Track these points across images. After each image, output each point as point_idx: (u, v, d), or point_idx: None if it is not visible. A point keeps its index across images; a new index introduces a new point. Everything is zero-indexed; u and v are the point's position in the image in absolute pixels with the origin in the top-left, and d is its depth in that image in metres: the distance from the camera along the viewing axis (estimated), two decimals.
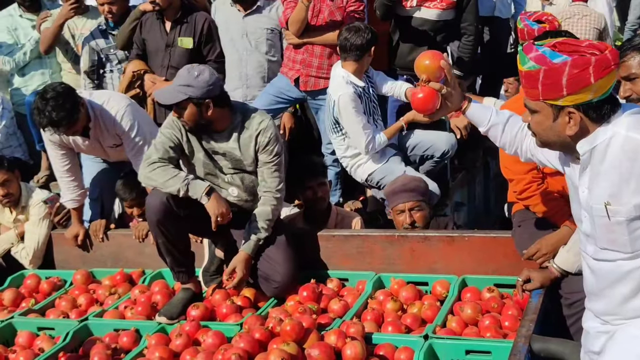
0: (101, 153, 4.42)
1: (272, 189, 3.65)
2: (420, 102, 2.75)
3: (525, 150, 2.73)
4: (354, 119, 4.36)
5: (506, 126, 2.75)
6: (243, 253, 3.62)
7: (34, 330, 3.68)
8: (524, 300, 3.22)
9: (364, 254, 3.92)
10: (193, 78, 3.48)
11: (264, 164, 3.65)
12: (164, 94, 3.58)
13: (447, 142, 4.44)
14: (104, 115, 4.14)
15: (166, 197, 3.48)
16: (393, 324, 3.32)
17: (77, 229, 4.40)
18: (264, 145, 3.61)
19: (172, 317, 3.57)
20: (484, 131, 2.80)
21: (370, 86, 4.51)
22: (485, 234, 3.79)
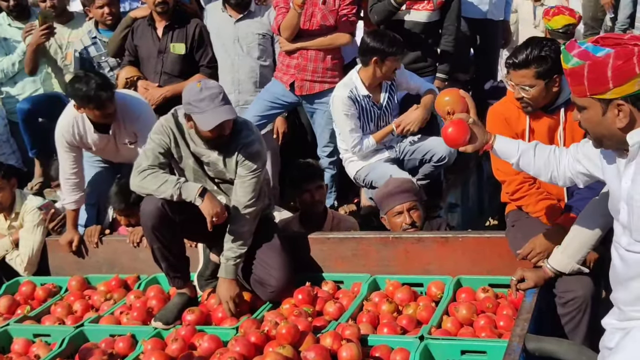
0: (111, 152, 4.42)
1: (242, 204, 3.59)
2: (452, 136, 2.73)
3: (564, 171, 2.73)
4: (342, 121, 4.44)
5: (536, 150, 2.77)
6: (223, 280, 3.59)
7: (29, 337, 3.68)
8: (518, 299, 3.24)
9: (358, 256, 3.93)
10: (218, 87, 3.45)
11: (240, 177, 3.59)
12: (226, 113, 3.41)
13: (445, 149, 4.42)
14: (126, 110, 4.19)
15: (161, 203, 3.47)
16: (388, 325, 3.32)
17: (72, 234, 4.40)
18: (242, 160, 3.56)
19: (167, 322, 3.57)
20: (515, 161, 2.79)
21: (388, 95, 4.52)
22: (479, 235, 3.81)
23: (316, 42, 4.73)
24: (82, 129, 4.24)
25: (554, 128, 3.32)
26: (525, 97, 3.20)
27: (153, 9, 4.82)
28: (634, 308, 2.35)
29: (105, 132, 4.23)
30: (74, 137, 4.23)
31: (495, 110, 3.46)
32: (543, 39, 3.26)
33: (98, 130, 4.22)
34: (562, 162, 2.73)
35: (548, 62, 3.11)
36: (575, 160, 2.67)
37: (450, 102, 2.79)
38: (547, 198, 3.38)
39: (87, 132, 4.25)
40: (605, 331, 2.49)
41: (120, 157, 4.47)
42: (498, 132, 3.30)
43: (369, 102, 4.50)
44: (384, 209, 4.06)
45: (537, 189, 3.39)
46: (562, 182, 2.78)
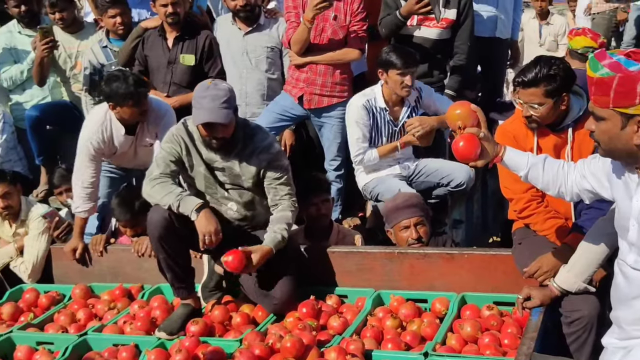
0: (129, 156, 4.44)
1: (289, 198, 3.69)
2: (463, 150, 2.74)
3: (571, 186, 2.74)
4: (352, 128, 4.52)
5: (545, 165, 2.77)
6: (267, 247, 3.57)
7: (32, 345, 3.67)
8: (523, 318, 3.23)
9: (363, 271, 3.92)
10: (227, 90, 3.49)
11: (275, 180, 3.66)
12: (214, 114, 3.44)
13: (465, 175, 4.43)
14: (152, 109, 4.28)
15: (167, 213, 3.49)
16: (393, 341, 3.31)
17: (77, 242, 4.40)
18: (271, 162, 3.63)
19: (171, 332, 3.56)
20: (524, 174, 2.80)
21: (408, 114, 4.53)
22: (485, 252, 3.80)
23: (326, 57, 4.75)
24: (110, 132, 4.27)
25: (562, 147, 3.33)
26: (534, 115, 3.21)
27: (164, 19, 4.85)
28: (636, 327, 2.35)
29: (132, 134, 4.28)
30: (102, 142, 4.25)
31: (504, 129, 3.48)
32: (552, 58, 3.27)
33: (127, 132, 4.26)
34: (569, 177, 2.74)
35: (557, 81, 3.13)
36: (582, 177, 2.67)
37: (461, 116, 2.78)
38: (554, 217, 3.38)
39: (114, 135, 4.28)
40: (604, 350, 2.48)
41: (135, 161, 4.48)
42: None
43: (386, 115, 4.52)
44: (390, 223, 4.06)
45: (545, 207, 3.39)
46: (569, 197, 2.79)
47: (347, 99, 4.82)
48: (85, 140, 4.27)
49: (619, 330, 2.43)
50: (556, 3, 10.03)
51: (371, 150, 4.55)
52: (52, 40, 5.14)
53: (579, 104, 3.30)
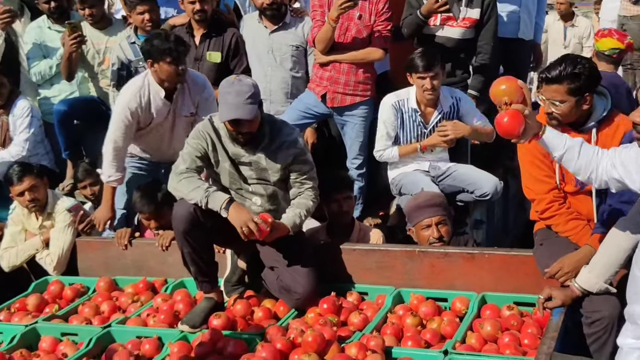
0: (165, 130, 4.47)
1: (311, 190, 3.76)
2: (507, 126, 2.72)
3: (601, 173, 2.75)
4: (379, 125, 4.62)
5: (582, 149, 2.78)
6: (284, 224, 3.66)
7: (57, 336, 3.73)
8: (543, 318, 3.25)
9: (384, 269, 3.94)
10: (251, 85, 3.52)
11: (300, 175, 3.72)
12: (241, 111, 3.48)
13: (492, 186, 4.44)
14: (192, 79, 4.38)
15: (193, 208, 3.52)
16: (413, 338, 3.33)
17: (108, 212, 4.46)
18: (296, 156, 3.68)
19: (194, 325, 3.59)
20: (559, 155, 2.80)
21: (440, 119, 4.56)
22: (506, 252, 3.81)
23: (349, 56, 4.79)
24: (148, 96, 4.33)
25: None
26: (555, 112, 3.21)
27: (192, 17, 4.91)
28: None
29: (170, 100, 4.34)
30: (139, 106, 4.31)
31: None
32: (578, 57, 3.27)
33: (165, 97, 4.33)
34: (601, 164, 2.74)
35: (580, 80, 3.13)
36: (612, 165, 2.67)
37: (507, 92, 2.76)
38: (576, 218, 3.39)
39: (152, 98, 4.33)
40: (619, 350, 2.48)
41: (172, 139, 4.49)
42: (529, 150, 3.33)
43: (416, 117, 4.56)
44: (412, 221, 4.08)
45: (567, 208, 3.40)
46: (597, 184, 2.79)
47: (370, 98, 4.86)
48: (123, 104, 4.33)
49: (633, 328, 2.43)
50: (581, 6, 9.98)
51: (392, 148, 4.62)
52: (80, 36, 5.21)
53: (602, 105, 3.30)
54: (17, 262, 4.51)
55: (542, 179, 3.43)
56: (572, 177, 3.40)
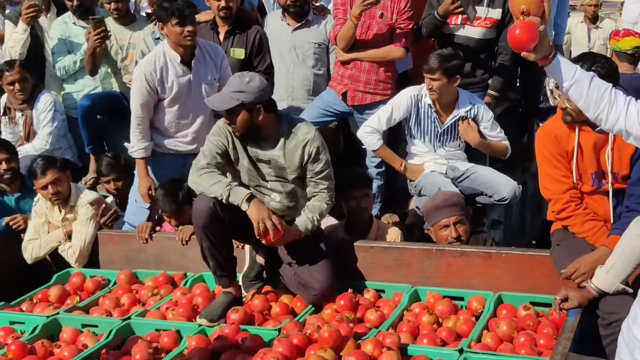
0: (193, 98, 4.51)
1: (327, 192, 3.78)
2: (520, 36, 2.54)
3: (615, 119, 2.58)
4: (386, 107, 4.64)
5: (592, 83, 2.61)
6: (296, 229, 3.70)
7: (78, 327, 3.77)
8: (560, 319, 3.25)
9: (401, 266, 3.96)
10: (245, 84, 3.58)
11: (315, 174, 3.75)
12: (216, 100, 3.70)
13: (510, 190, 4.44)
14: (208, 47, 4.51)
15: (212, 202, 3.56)
16: (428, 336, 3.35)
17: (148, 182, 4.57)
18: (313, 155, 3.70)
19: (212, 319, 3.63)
20: (567, 85, 2.63)
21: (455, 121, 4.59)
22: (523, 252, 3.82)
23: (370, 54, 4.81)
24: (164, 61, 4.43)
25: (602, 146, 3.33)
26: (569, 108, 3.22)
27: (217, 13, 4.96)
28: None
29: (189, 66, 4.44)
30: (154, 71, 4.40)
31: (546, 129, 3.50)
32: (597, 56, 3.27)
33: (183, 62, 4.42)
34: (616, 107, 2.58)
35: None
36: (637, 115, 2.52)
37: (528, 0, 2.54)
38: (593, 219, 3.39)
39: (169, 64, 4.44)
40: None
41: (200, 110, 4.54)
42: (547, 150, 3.31)
43: (432, 114, 4.58)
44: (430, 221, 4.10)
45: (584, 209, 3.40)
46: (607, 126, 2.63)
47: (390, 96, 4.87)
48: (139, 71, 4.48)
49: None
50: (605, 7, 9.90)
51: (380, 139, 4.64)
52: (104, 31, 5.28)
53: None
54: (40, 254, 4.57)
55: (559, 178, 3.43)
56: (589, 177, 3.40)
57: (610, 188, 3.37)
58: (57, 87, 5.86)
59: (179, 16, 4.28)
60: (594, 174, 3.41)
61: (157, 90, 4.46)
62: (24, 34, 5.60)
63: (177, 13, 4.27)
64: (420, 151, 4.74)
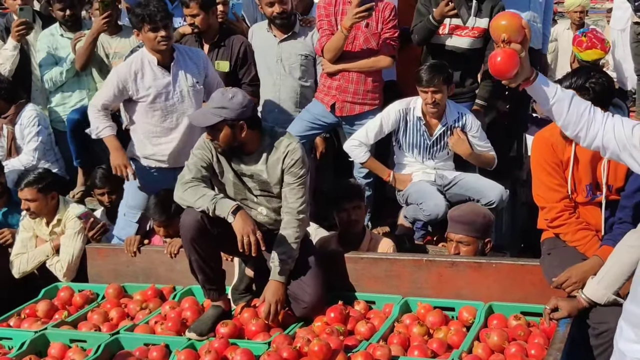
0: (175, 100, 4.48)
1: (294, 210, 3.69)
2: (501, 66, 2.54)
3: (594, 136, 2.61)
4: (374, 121, 4.70)
5: (572, 103, 2.63)
6: (272, 282, 3.65)
7: (66, 342, 3.75)
8: (550, 328, 3.24)
9: (391, 277, 3.95)
10: (227, 100, 3.57)
11: (288, 185, 3.71)
12: (198, 116, 3.69)
13: (497, 194, 4.45)
14: (189, 49, 4.58)
15: (200, 216, 3.54)
16: (419, 348, 3.34)
17: (122, 158, 4.49)
18: (289, 166, 3.68)
19: (201, 333, 3.62)
20: (548, 107, 2.65)
21: (443, 132, 4.63)
22: (513, 261, 3.81)
23: (358, 65, 4.81)
24: (141, 64, 4.43)
25: (599, 159, 3.33)
26: None
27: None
28: None
29: (167, 69, 4.44)
30: (129, 72, 4.40)
31: (542, 136, 3.49)
32: (592, 70, 3.28)
33: (163, 66, 4.42)
34: (594, 126, 2.60)
35: (590, 94, 3.13)
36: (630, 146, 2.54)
37: (508, 28, 2.53)
38: (585, 228, 3.39)
39: (146, 67, 4.42)
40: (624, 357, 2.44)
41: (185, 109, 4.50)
42: (543, 158, 3.31)
43: (421, 126, 4.61)
44: (447, 229, 4.10)
45: (577, 218, 3.41)
46: (585, 143, 2.65)
47: (378, 106, 4.88)
48: (113, 71, 4.52)
49: (636, 331, 2.39)
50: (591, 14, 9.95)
51: (368, 151, 4.69)
52: (112, 14, 5.26)
53: None
54: (28, 269, 4.54)
55: (554, 187, 3.43)
56: (583, 188, 3.41)
57: (604, 200, 3.38)
58: (43, 101, 5.83)
59: (150, 22, 4.26)
60: (589, 186, 3.42)
61: (131, 92, 4.44)
62: (14, 50, 5.58)
63: (149, 19, 4.25)
64: (409, 161, 4.75)
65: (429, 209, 4.47)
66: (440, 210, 4.43)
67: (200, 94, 4.54)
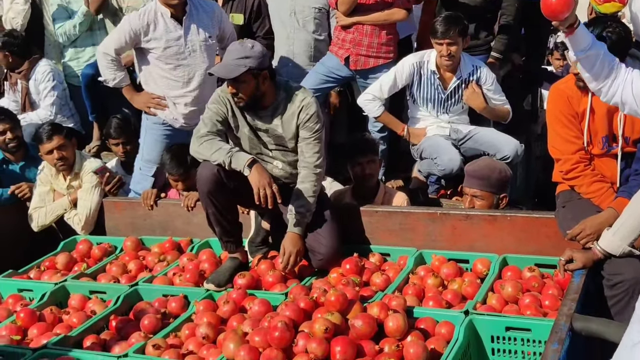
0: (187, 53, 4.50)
1: (311, 164, 3.71)
2: (556, 6, 2.57)
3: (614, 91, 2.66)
4: (387, 75, 4.66)
5: (603, 56, 2.67)
6: (290, 234, 3.68)
7: (86, 294, 3.81)
8: (564, 280, 3.26)
9: (406, 230, 3.97)
10: (249, 49, 3.56)
11: (304, 140, 3.71)
12: (222, 69, 3.64)
13: (512, 149, 4.43)
14: (203, 2, 4.53)
15: (217, 169, 3.56)
16: (434, 299, 3.37)
17: (147, 95, 4.59)
18: (304, 121, 3.68)
19: (219, 284, 3.66)
20: (583, 55, 2.69)
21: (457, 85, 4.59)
22: (528, 214, 3.81)
23: (372, 17, 4.76)
24: (154, 16, 4.43)
25: (615, 110, 3.31)
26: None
27: None
28: None
29: (179, 22, 4.43)
30: (140, 23, 4.40)
31: (558, 88, 3.47)
32: (608, 20, 3.23)
33: (175, 19, 4.42)
34: (617, 82, 2.65)
35: (607, 43, 3.09)
36: None
37: None
38: (601, 180, 3.39)
39: (158, 19, 4.42)
40: None
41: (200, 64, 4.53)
42: (559, 110, 3.29)
43: (435, 80, 4.58)
44: (464, 183, 4.11)
45: (592, 170, 3.40)
46: (606, 98, 2.71)
47: (392, 60, 4.85)
48: (126, 19, 4.50)
49: None
50: None
51: (381, 105, 4.67)
52: None
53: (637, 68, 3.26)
54: (46, 222, 4.60)
55: (569, 139, 3.42)
56: (599, 140, 3.40)
57: (620, 151, 3.37)
58: (57, 56, 5.83)
59: None
60: (605, 137, 3.40)
61: (142, 39, 4.43)
62: (25, 4, 5.57)
63: None
64: (423, 115, 4.74)
65: (443, 164, 4.47)
66: (454, 165, 4.43)
67: (212, 49, 4.53)
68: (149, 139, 4.70)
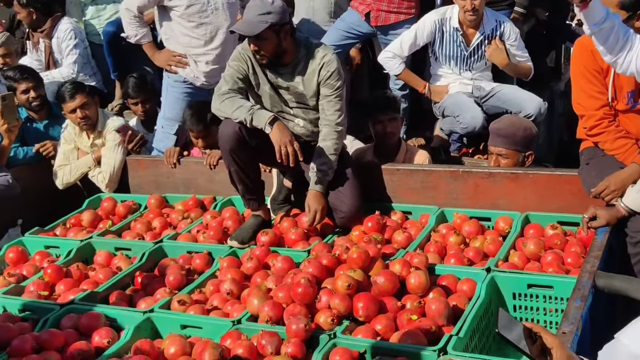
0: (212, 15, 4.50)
1: (332, 122, 3.70)
2: None
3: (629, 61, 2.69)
4: (408, 32, 4.62)
5: (615, 30, 2.68)
6: (313, 191, 3.69)
7: (111, 250, 3.87)
8: (587, 238, 3.25)
9: (427, 188, 3.97)
10: (270, 5, 3.53)
11: (325, 97, 3.69)
12: (244, 26, 3.61)
13: (535, 107, 4.39)
14: None
15: (238, 127, 3.56)
16: (456, 256, 3.38)
17: (168, 53, 4.62)
18: (325, 78, 3.66)
19: (243, 241, 3.70)
20: (597, 29, 2.71)
21: (481, 41, 4.54)
22: (551, 172, 3.78)
23: None
24: None
25: None
26: None
27: None
28: None
29: None
30: None
31: (582, 43, 3.41)
32: None
33: None
34: (631, 53, 2.66)
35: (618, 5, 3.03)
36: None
37: None
38: (625, 136, 3.35)
39: None
40: None
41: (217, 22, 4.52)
42: (583, 65, 3.25)
43: (457, 37, 4.53)
44: (489, 141, 4.08)
45: (617, 126, 3.36)
46: (621, 69, 2.74)
47: (414, 15, 4.79)
48: None
49: None
50: None
51: (402, 63, 4.62)
52: None
53: None
54: (71, 180, 4.65)
55: (594, 95, 3.38)
56: (624, 94, 3.35)
57: None
58: (77, 14, 5.82)
59: None
60: (630, 92, 3.35)
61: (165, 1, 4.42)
62: None
63: None
64: (445, 72, 4.69)
65: (466, 122, 4.45)
66: (477, 123, 4.40)
67: (235, 7, 4.50)
68: (170, 97, 4.70)
